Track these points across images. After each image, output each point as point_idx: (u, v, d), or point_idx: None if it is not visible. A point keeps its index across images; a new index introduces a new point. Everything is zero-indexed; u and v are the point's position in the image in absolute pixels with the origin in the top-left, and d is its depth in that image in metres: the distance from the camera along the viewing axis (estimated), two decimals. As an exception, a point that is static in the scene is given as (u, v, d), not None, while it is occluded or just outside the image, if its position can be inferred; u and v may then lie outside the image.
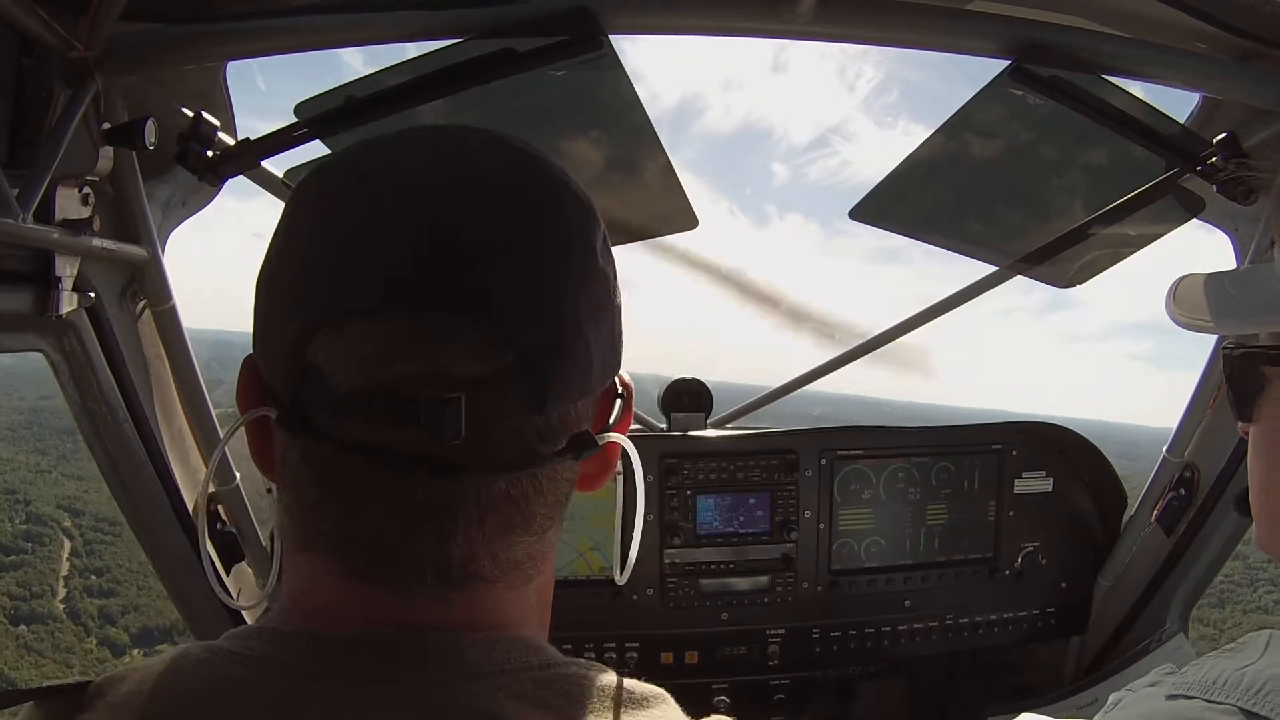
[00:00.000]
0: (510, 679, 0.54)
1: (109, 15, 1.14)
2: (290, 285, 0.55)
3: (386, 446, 0.53)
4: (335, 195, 0.57)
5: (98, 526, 25.38)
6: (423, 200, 0.54)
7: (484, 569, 0.56)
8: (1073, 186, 1.92)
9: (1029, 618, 2.17)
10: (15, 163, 1.16)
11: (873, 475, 2.08)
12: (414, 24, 1.29)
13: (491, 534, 0.56)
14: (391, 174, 0.56)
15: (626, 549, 0.73)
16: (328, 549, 0.56)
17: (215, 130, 1.39)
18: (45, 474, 27.51)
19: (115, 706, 0.55)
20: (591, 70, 1.46)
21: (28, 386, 28.09)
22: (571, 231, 0.57)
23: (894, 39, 1.36)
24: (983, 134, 1.77)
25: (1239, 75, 1.39)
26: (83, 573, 24.47)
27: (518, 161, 0.58)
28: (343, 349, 0.52)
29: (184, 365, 1.64)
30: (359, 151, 0.60)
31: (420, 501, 0.54)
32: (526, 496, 0.57)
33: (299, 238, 0.57)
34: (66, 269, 1.30)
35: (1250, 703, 0.66)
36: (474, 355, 0.52)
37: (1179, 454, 1.97)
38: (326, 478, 0.55)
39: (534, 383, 0.54)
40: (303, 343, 0.53)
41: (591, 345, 0.57)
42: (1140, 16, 1.35)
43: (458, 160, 0.57)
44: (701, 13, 1.33)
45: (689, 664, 2.03)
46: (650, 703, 0.58)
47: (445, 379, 0.51)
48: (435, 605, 0.56)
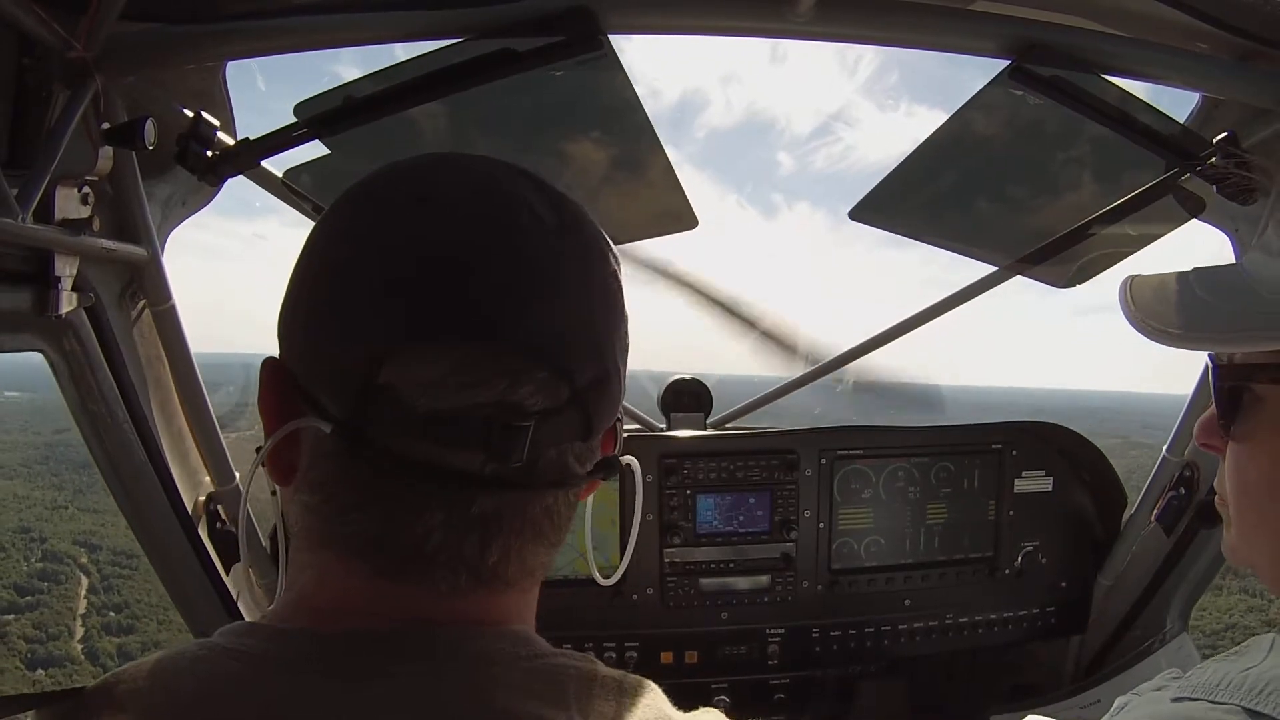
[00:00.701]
0: (501, 670, 0.58)
1: (109, 15, 1.14)
2: (359, 304, 0.57)
3: (450, 465, 0.57)
4: (395, 217, 0.59)
5: (115, 561, 25.08)
6: (488, 237, 0.57)
7: (510, 574, 0.61)
8: (1073, 186, 1.91)
9: (1029, 617, 2.17)
10: (15, 162, 1.16)
11: (872, 475, 2.08)
12: (414, 24, 1.29)
13: (525, 543, 0.61)
14: (450, 202, 0.59)
15: (623, 552, 0.77)
16: (350, 548, 0.59)
17: (215, 130, 1.39)
18: (61, 510, 27.27)
19: (112, 707, 0.56)
20: (591, 70, 1.46)
21: (45, 421, 27.97)
22: (609, 277, 0.63)
23: (894, 39, 1.36)
24: (982, 134, 1.77)
25: (1239, 75, 1.39)
26: (100, 610, 24.18)
27: (561, 206, 0.62)
28: (418, 374, 0.55)
29: (183, 365, 1.64)
30: (411, 172, 0.62)
31: (473, 515, 0.58)
32: (560, 511, 0.63)
33: (361, 255, 0.58)
34: (66, 269, 1.30)
35: (1254, 703, 0.67)
36: (541, 391, 0.57)
37: (1179, 454, 1.97)
38: (373, 485, 0.58)
39: (584, 415, 0.60)
40: (377, 363, 0.56)
41: (622, 380, 0.64)
42: (1140, 16, 1.35)
43: (512, 199, 0.60)
44: (701, 13, 1.33)
45: (689, 663, 2.03)
46: (636, 692, 0.61)
47: (516, 410, 0.57)
48: (458, 602, 0.60)
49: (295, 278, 0.62)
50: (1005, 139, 1.79)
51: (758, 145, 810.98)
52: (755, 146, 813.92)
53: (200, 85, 1.46)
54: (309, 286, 0.60)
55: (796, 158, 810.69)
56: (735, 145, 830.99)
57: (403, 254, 0.57)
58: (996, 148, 1.83)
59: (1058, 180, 1.94)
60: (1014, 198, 2.02)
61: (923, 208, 2.00)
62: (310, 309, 0.60)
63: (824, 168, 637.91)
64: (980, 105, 1.63)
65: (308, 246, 0.62)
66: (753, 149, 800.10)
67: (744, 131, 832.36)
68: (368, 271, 0.57)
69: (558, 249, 0.59)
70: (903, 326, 2.24)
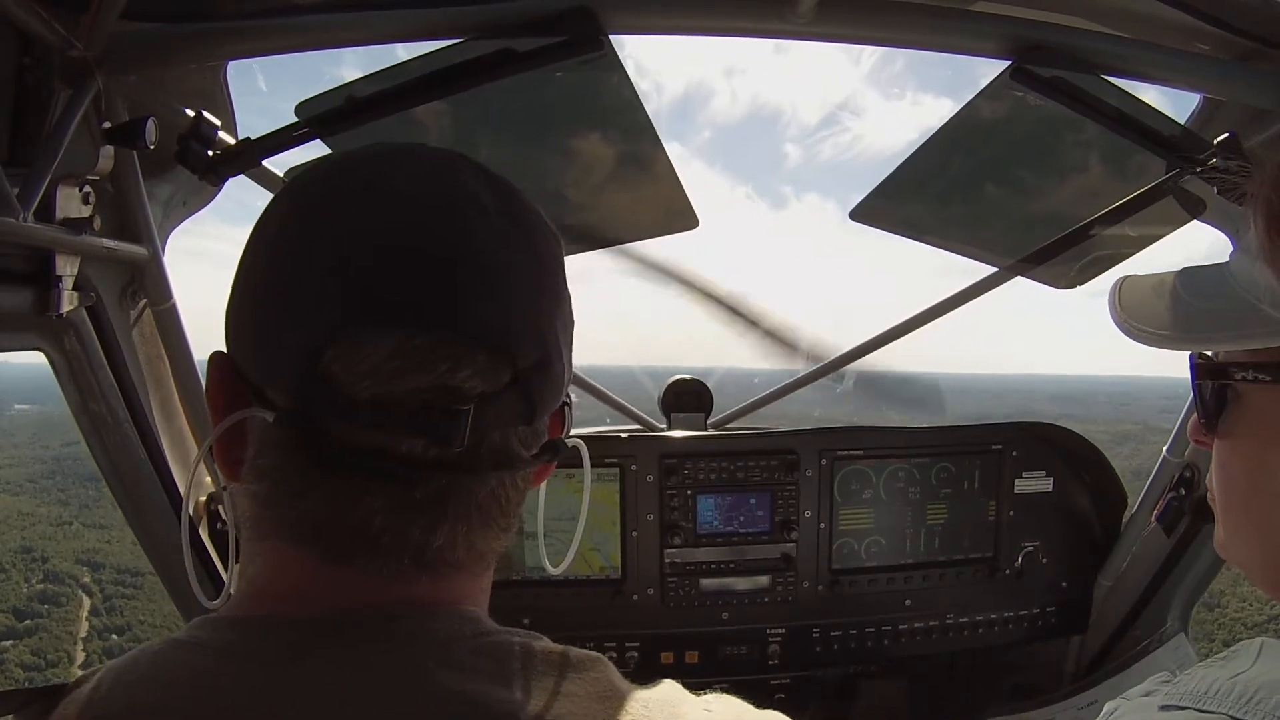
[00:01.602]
0: (445, 649, 0.58)
1: (109, 15, 1.14)
2: (301, 293, 0.57)
3: (393, 450, 0.57)
4: (340, 205, 0.59)
5: (119, 580, 24.58)
6: (430, 223, 0.58)
7: (458, 558, 0.61)
8: (1073, 187, 1.91)
9: (1029, 617, 2.17)
10: (16, 162, 1.16)
11: (873, 475, 2.09)
12: (414, 24, 1.29)
13: (473, 527, 0.61)
14: (395, 191, 0.59)
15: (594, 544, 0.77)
16: (297, 535, 0.59)
17: (216, 130, 1.39)
18: (66, 526, 26.75)
19: (78, 706, 0.58)
20: (592, 70, 1.46)
21: (53, 433, 27.50)
22: (550, 260, 0.64)
23: (894, 39, 1.36)
24: (983, 134, 1.77)
25: (1239, 75, 1.39)
26: (102, 633, 23.59)
27: (505, 193, 0.63)
28: (359, 360, 0.56)
29: (184, 364, 1.64)
30: (357, 162, 0.63)
31: (417, 499, 0.58)
32: (508, 495, 0.63)
33: (295, 243, 0.59)
34: (67, 268, 1.30)
35: (1241, 711, 0.66)
36: (481, 374, 0.58)
37: (1179, 454, 1.97)
38: (317, 472, 0.58)
39: (526, 398, 0.60)
40: (317, 351, 0.56)
41: (565, 361, 0.64)
42: (1141, 17, 1.35)
43: (456, 187, 0.61)
44: (701, 13, 1.33)
45: (689, 663, 2.03)
46: (586, 666, 0.61)
47: (455, 394, 0.57)
48: (407, 585, 0.60)
49: (239, 270, 0.62)
50: (1005, 140, 1.79)
51: (765, 137, 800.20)
52: (762, 139, 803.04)
53: (201, 85, 1.46)
54: (252, 277, 0.61)
55: (804, 148, 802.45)
56: (742, 138, 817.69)
57: (342, 242, 0.57)
58: (996, 149, 1.83)
59: (1058, 181, 1.94)
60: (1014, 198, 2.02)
61: (923, 208, 2.00)
62: (253, 299, 0.60)
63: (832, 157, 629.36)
64: (980, 106, 1.63)
65: (252, 237, 0.62)
66: (760, 141, 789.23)
67: (751, 124, 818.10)
68: (308, 259, 0.58)
69: (498, 232, 0.60)
70: (904, 327, 2.24)
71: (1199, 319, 0.74)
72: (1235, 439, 0.75)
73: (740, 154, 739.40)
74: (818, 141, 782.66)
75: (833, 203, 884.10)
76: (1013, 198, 2.02)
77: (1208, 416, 0.76)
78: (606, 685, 0.60)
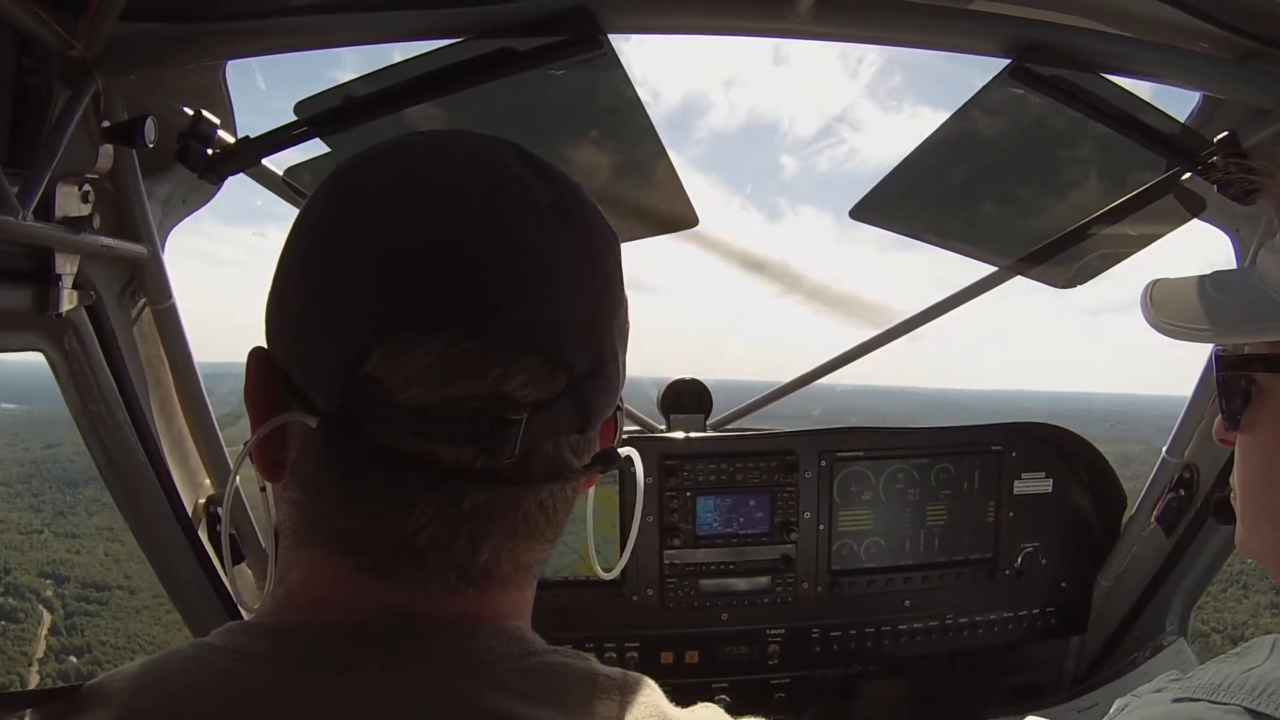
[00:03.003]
0: (492, 669, 0.56)
1: (108, 15, 1.14)
2: (346, 292, 0.54)
3: (440, 459, 0.55)
4: (386, 199, 0.56)
5: (83, 595, 23.08)
6: (483, 223, 0.55)
7: (504, 571, 0.59)
8: (1073, 186, 1.91)
9: (1029, 617, 2.17)
10: (15, 161, 1.16)
11: (872, 476, 2.08)
12: (414, 23, 1.29)
13: (519, 540, 0.59)
14: (442, 185, 0.56)
15: (623, 548, 0.75)
16: (338, 545, 0.57)
17: (215, 129, 1.39)
18: (35, 534, 25.33)
19: (106, 707, 0.56)
20: (592, 70, 1.46)
21: (36, 434, 26.40)
22: (609, 262, 0.61)
23: (893, 38, 1.36)
24: (982, 133, 1.77)
25: (1239, 75, 1.39)
26: (60, 654, 22.00)
27: (561, 189, 0.60)
28: (406, 364, 0.53)
29: (184, 364, 1.64)
30: (401, 152, 0.60)
31: (464, 510, 0.56)
32: (556, 506, 0.60)
33: (349, 239, 0.56)
34: (66, 267, 1.30)
35: (1255, 703, 0.67)
36: (534, 381, 0.55)
37: (1179, 454, 1.97)
38: (362, 480, 0.56)
39: (580, 406, 0.57)
40: (363, 354, 0.53)
41: (620, 368, 0.61)
42: (1141, 16, 1.35)
43: (508, 182, 0.57)
44: (700, 12, 1.33)
45: (689, 664, 2.03)
46: (635, 689, 0.59)
47: (507, 402, 0.54)
48: (450, 599, 0.58)
49: (281, 265, 0.59)
50: (1005, 139, 1.79)
51: (761, 147, 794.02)
52: (758, 149, 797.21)
53: (200, 84, 1.46)
54: (295, 274, 0.58)
55: (800, 160, 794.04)
56: (738, 148, 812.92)
57: (390, 240, 0.54)
58: (996, 148, 1.82)
59: (1058, 180, 1.94)
60: (1014, 198, 2.02)
61: (922, 207, 2.00)
62: (296, 298, 0.57)
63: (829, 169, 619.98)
64: (980, 105, 1.63)
65: (294, 231, 0.59)
66: (756, 151, 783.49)
67: (747, 134, 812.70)
68: (353, 256, 0.55)
69: (552, 232, 0.57)
70: (902, 328, 2.24)
71: (1224, 313, 0.77)
72: (1257, 432, 0.77)
73: (735, 164, 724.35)
74: (814, 153, 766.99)
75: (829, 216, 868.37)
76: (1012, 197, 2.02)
77: (1230, 412, 0.78)
78: (652, 708, 0.59)
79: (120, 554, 22.74)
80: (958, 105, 1.66)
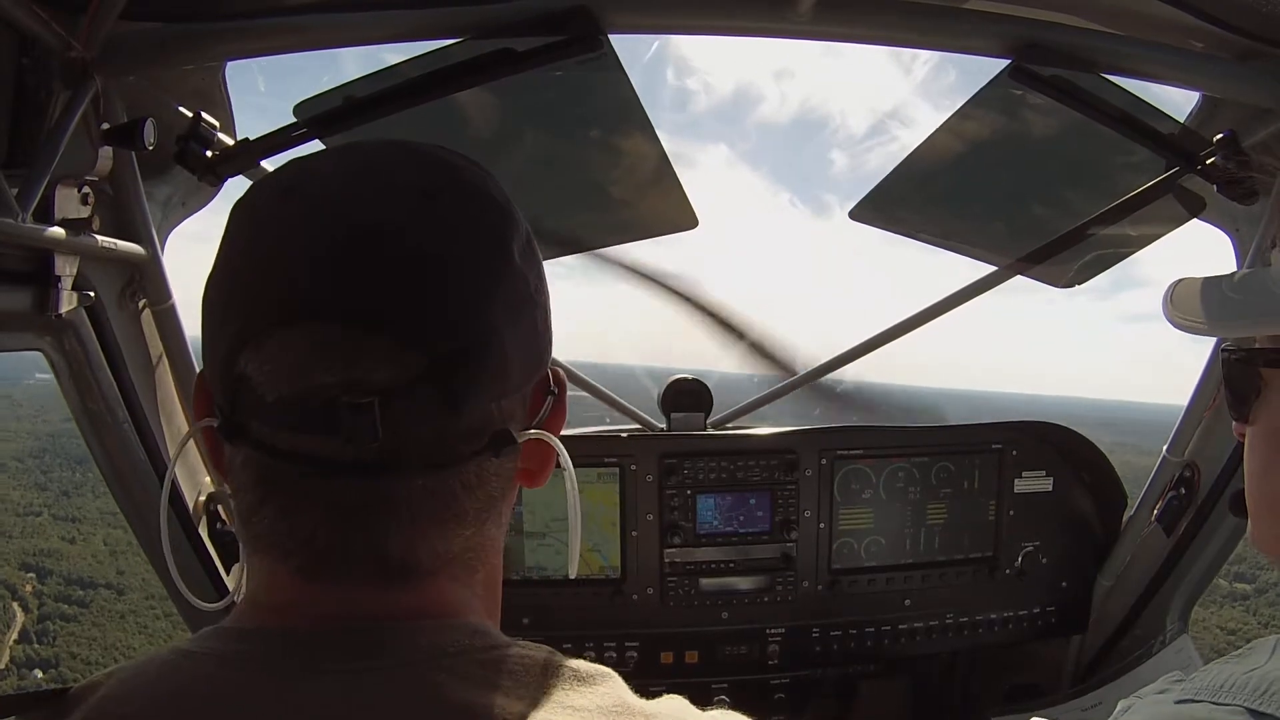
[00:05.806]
0: (454, 661, 0.57)
1: (108, 15, 1.14)
2: (222, 300, 0.58)
3: (314, 453, 0.55)
4: (260, 212, 0.60)
5: (64, 594, 21.73)
6: (333, 215, 0.57)
7: (423, 563, 0.59)
8: (1073, 186, 1.91)
9: (1029, 617, 2.17)
10: (15, 162, 1.16)
11: (873, 475, 2.08)
12: (414, 24, 1.29)
13: (425, 529, 0.58)
14: (311, 191, 0.59)
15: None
16: (271, 550, 0.59)
17: (214, 130, 1.39)
18: (31, 517, 24.34)
19: (90, 711, 0.57)
20: (591, 70, 1.46)
21: (59, 408, 25.75)
22: (481, 235, 0.59)
23: (893, 38, 1.36)
24: (982, 133, 1.77)
25: (1239, 74, 1.39)
26: (23, 665, 20.53)
27: (434, 170, 0.61)
28: (266, 360, 0.55)
29: (183, 364, 1.64)
30: (287, 169, 0.63)
31: (350, 504, 0.57)
32: (454, 493, 0.59)
33: (228, 254, 0.59)
34: (66, 268, 1.30)
35: (1257, 703, 0.67)
36: (386, 363, 0.54)
37: (1179, 454, 1.97)
38: (263, 482, 0.58)
39: (448, 386, 0.56)
40: (234, 355, 0.56)
41: (509, 345, 0.59)
42: (1140, 15, 1.35)
43: (374, 174, 0.60)
44: (700, 12, 1.33)
45: (689, 663, 2.03)
46: (595, 680, 0.59)
47: (360, 387, 0.54)
48: (380, 599, 0.58)
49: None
50: (1005, 139, 1.79)
51: (811, 143, 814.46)
52: (808, 144, 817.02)
53: (200, 85, 1.46)
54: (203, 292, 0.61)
55: (851, 156, 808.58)
56: (788, 143, 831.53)
57: (255, 247, 0.58)
58: (996, 148, 1.83)
59: (1057, 180, 1.94)
60: (1014, 197, 2.02)
61: (922, 207, 2.00)
62: (203, 311, 0.61)
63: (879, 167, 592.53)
64: (980, 105, 1.63)
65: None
66: (806, 147, 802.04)
67: (797, 129, 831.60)
68: (232, 267, 0.58)
69: (415, 212, 0.57)
70: (902, 327, 2.24)
71: (1234, 308, 0.82)
72: (1260, 423, 0.82)
73: (784, 159, 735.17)
74: (864, 150, 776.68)
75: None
76: (1012, 196, 2.02)
77: (1238, 405, 0.83)
78: (614, 699, 0.59)
79: (120, 543, 21.65)
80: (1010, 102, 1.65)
